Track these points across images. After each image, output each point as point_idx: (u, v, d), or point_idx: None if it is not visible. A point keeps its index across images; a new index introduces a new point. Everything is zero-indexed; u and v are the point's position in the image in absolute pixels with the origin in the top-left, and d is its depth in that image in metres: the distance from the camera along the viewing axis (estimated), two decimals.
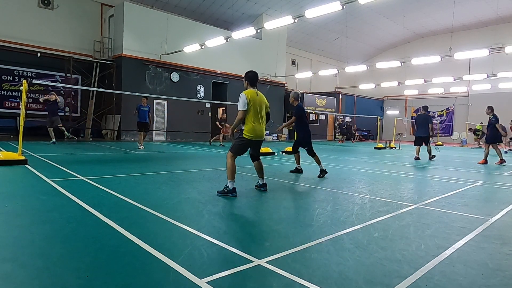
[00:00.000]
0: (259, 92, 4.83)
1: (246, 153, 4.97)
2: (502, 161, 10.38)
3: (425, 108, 11.43)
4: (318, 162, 6.80)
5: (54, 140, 12.76)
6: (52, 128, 12.85)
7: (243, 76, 5.05)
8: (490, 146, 10.52)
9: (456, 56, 16.93)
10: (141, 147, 12.51)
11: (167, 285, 2.05)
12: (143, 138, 13.00)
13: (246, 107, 4.61)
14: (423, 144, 11.05)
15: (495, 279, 2.25)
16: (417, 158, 10.88)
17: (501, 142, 10.61)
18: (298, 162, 7.25)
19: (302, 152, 7.21)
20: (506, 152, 16.07)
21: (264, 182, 5.05)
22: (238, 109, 4.64)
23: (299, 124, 7.08)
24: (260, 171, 5.02)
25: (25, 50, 16.44)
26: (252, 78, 4.81)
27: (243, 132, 4.74)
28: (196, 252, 2.56)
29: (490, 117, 10.52)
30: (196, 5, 21.03)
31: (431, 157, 11.04)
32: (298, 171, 7.17)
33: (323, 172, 6.67)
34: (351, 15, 23.51)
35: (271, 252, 2.57)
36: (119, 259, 2.39)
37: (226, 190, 4.60)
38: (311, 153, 6.93)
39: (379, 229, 3.25)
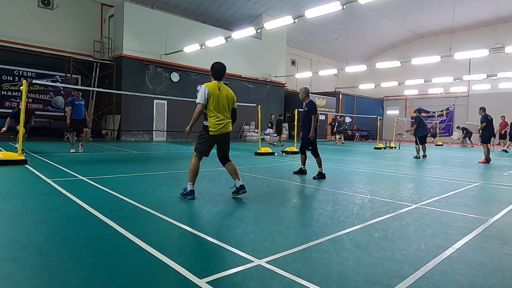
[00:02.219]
0: (223, 84, 4.42)
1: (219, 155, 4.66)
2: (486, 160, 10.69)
3: (420, 110, 12.80)
4: (319, 164, 6.60)
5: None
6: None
7: (243, 76, 4.97)
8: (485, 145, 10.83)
9: (456, 56, 16.92)
10: (72, 150, 9.85)
11: (167, 285, 2.05)
12: (85, 136, 10.44)
13: (205, 100, 4.25)
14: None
15: (495, 279, 2.25)
16: (417, 157, 11.67)
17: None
18: (303, 163, 7.00)
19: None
20: (507, 151, 16.24)
21: (242, 183, 4.49)
22: (196, 102, 4.30)
23: (308, 122, 6.64)
24: (234, 172, 4.53)
25: (25, 50, 16.45)
26: (217, 70, 4.41)
27: (205, 127, 4.39)
28: (196, 252, 2.56)
29: (481, 118, 10.97)
30: (196, 5, 21.03)
31: (425, 155, 11.81)
32: (302, 172, 6.95)
33: (320, 175, 6.47)
34: (351, 15, 23.51)
35: (271, 252, 2.57)
36: (119, 259, 2.39)
37: (184, 192, 4.37)
38: (315, 153, 6.73)
39: (379, 229, 3.25)
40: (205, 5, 21.08)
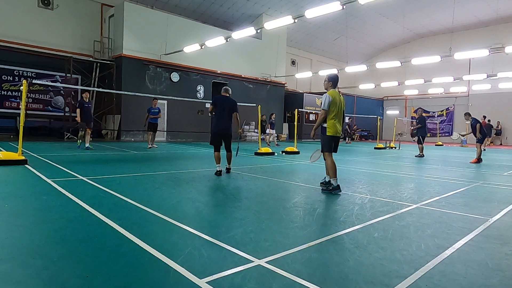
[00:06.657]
0: (338, 92, 5.18)
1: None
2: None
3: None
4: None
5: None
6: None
7: (243, 76, 5.16)
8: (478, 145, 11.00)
9: (456, 56, 16.92)
10: (149, 146, 13.15)
11: (167, 285, 2.05)
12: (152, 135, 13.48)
13: (328, 107, 4.95)
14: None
15: (495, 279, 2.25)
16: (422, 155, 12.42)
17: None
18: (218, 162, 6.49)
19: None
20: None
21: (327, 180, 5.16)
22: (321, 108, 5.02)
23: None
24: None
25: (25, 50, 16.44)
26: (335, 79, 5.19)
27: (323, 129, 5.13)
28: (196, 252, 2.56)
29: (471, 121, 11.12)
30: (196, 5, 21.02)
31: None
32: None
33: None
34: (351, 15, 23.50)
35: (271, 252, 2.57)
36: (119, 259, 2.39)
37: (330, 188, 4.99)
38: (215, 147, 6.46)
39: (379, 229, 3.25)
40: (205, 5, 21.08)
